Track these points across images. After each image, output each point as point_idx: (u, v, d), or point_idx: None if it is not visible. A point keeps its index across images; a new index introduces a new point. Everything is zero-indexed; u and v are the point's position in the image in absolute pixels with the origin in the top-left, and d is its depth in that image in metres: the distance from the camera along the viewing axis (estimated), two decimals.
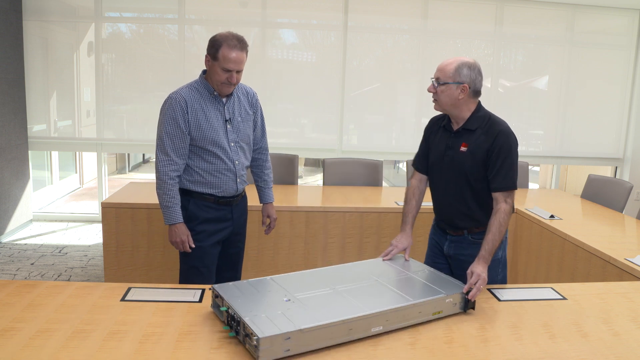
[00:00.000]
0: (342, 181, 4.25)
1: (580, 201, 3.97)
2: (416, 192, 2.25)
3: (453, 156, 2.07)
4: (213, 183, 2.31)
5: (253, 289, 1.67)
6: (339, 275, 1.84)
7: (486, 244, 1.93)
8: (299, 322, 1.43)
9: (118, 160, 9.62)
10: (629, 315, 1.78)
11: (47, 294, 1.77)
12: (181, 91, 2.24)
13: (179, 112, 2.20)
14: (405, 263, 2.05)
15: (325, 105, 5.43)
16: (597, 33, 5.64)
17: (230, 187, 2.35)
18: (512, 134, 2.01)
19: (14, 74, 4.82)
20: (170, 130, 2.21)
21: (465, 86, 1.98)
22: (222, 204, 2.36)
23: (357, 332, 1.51)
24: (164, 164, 2.22)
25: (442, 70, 2.02)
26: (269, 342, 1.35)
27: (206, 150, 2.26)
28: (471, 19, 5.41)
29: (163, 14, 5.26)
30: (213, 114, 2.26)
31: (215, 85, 2.23)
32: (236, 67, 2.16)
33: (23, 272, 3.97)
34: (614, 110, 5.71)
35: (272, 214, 2.64)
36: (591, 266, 2.68)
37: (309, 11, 5.38)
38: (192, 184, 2.30)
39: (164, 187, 2.23)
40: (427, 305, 1.65)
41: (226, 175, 2.32)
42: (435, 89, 2.05)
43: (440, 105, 2.07)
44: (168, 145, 2.21)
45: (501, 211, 1.96)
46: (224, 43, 2.13)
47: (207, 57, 2.21)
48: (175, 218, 2.25)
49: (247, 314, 1.47)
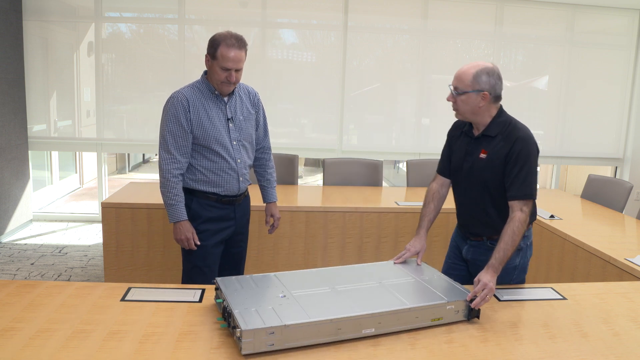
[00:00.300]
0: (342, 181, 4.25)
1: (580, 201, 3.97)
2: (435, 196, 2.18)
3: (472, 163, 2.02)
4: (216, 182, 2.32)
5: (253, 285, 1.71)
6: (343, 276, 1.84)
7: (497, 252, 1.84)
8: (285, 318, 1.46)
9: (118, 160, 9.62)
10: (629, 315, 1.78)
11: (47, 294, 1.77)
12: (183, 90, 2.27)
13: (181, 110, 2.22)
14: (417, 268, 1.99)
15: (325, 105, 5.43)
16: (597, 33, 5.64)
17: (233, 186, 2.35)
18: (532, 140, 1.93)
19: (14, 74, 4.82)
20: (173, 128, 2.23)
21: (486, 94, 1.91)
22: (225, 202, 2.37)
23: (346, 332, 1.51)
24: (167, 162, 2.24)
25: (460, 78, 1.94)
26: (252, 334, 1.38)
27: (209, 149, 2.27)
28: (471, 19, 5.41)
29: (163, 14, 5.26)
30: (215, 112, 2.28)
31: (215, 85, 2.25)
32: (235, 66, 2.18)
33: (23, 272, 3.97)
34: (614, 110, 5.71)
35: (276, 214, 2.64)
36: (591, 266, 2.68)
37: (309, 11, 5.38)
38: (195, 182, 2.31)
39: (168, 185, 2.25)
40: (425, 310, 1.62)
41: (229, 173, 2.33)
42: (454, 98, 1.97)
43: (460, 114, 2.01)
44: (171, 143, 2.23)
45: (515, 220, 1.88)
46: (222, 42, 2.15)
47: (206, 56, 2.23)
48: (179, 215, 2.26)
49: (238, 307, 1.51)
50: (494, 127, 1.97)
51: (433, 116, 5.57)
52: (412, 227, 3.46)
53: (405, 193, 4.03)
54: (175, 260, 3.34)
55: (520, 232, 1.87)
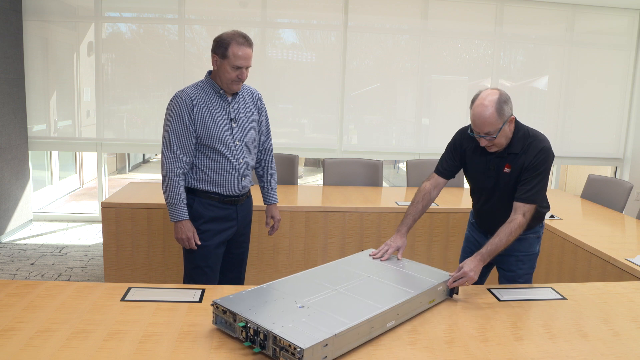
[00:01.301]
0: (342, 181, 4.25)
1: (580, 201, 3.97)
2: (426, 197, 2.22)
3: (497, 178, 2.07)
4: (218, 181, 2.31)
5: (259, 299, 1.61)
6: (331, 276, 1.84)
7: (489, 245, 1.93)
8: (329, 327, 1.41)
9: (118, 160, 9.62)
10: (629, 315, 1.78)
11: (47, 294, 1.77)
12: (187, 90, 2.27)
13: (185, 109, 2.22)
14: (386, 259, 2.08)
15: (325, 105, 5.43)
16: (597, 33, 5.64)
17: (235, 186, 2.35)
18: (551, 152, 1.99)
19: (14, 73, 4.82)
20: (176, 127, 2.23)
21: (512, 117, 1.97)
22: (227, 202, 2.36)
23: (376, 329, 1.53)
24: (170, 161, 2.23)
25: (486, 123, 1.92)
26: (311, 352, 1.32)
27: (212, 148, 2.27)
28: (471, 19, 5.41)
29: (163, 14, 5.26)
30: (218, 112, 2.28)
31: (224, 84, 2.26)
32: (245, 64, 2.20)
33: (23, 272, 3.97)
34: (614, 110, 5.71)
35: (276, 215, 2.64)
36: (591, 266, 2.68)
37: (309, 11, 5.38)
38: (198, 182, 2.31)
39: (170, 184, 2.24)
40: (425, 295, 1.74)
41: (231, 173, 2.32)
42: (491, 141, 1.98)
43: (499, 147, 2.03)
44: (174, 142, 2.23)
45: (516, 222, 1.95)
46: (232, 41, 2.17)
47: (214, 56, 2.23)
48: (181, 215, 2.25)
49: (273, 326, 1.41)
50: (517, 144, 2.01)
51: (433, 116, 5.57)
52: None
53: (405, 193, 4.03)
54: (175, 260, 3.34)
55: (516, 235, 1.95)
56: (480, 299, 1.87)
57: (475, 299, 1.88)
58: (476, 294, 1.93)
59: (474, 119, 1.94)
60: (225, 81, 2.24)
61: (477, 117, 1.92)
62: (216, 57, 2.22)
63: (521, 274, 2.16)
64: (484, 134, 1.94)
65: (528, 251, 2.14)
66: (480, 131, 1.94)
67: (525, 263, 2.14)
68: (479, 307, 1.79)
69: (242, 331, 1.45)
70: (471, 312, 1.76)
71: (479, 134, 1.95)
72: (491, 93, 1.92)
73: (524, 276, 2.16)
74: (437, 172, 2.24)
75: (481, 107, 1.91)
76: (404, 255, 2.13)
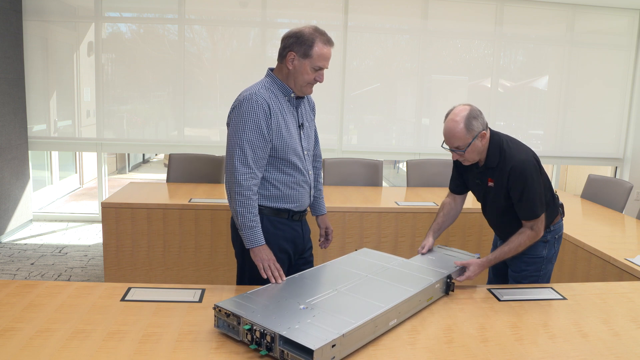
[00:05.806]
0: (342, 181, 4.25)
1: (580, 201, 3.97)
2: (446, 208, 2.31)
3: (485, 191, 2.15)
4: (290, 196, 2.04)
5: (263, 301, 1.59)
6: (329, 276, 1.86)
7: (498, 251, 2.03)
8: (335, 327, 1.41)
9: (118, 160, 9.62)
10: (629, 315, 1.78)
11: (47, 294, 1.77)
12: (260, 92, 1.94)
13: (263, 116, 1.90)
14: (378, 256, 2.10)
15: (325, 105, 5.43)
16: (597, 33, 5.64)
17: (305, 201, 2.12)
18: (525, 167, 1.99)
19: (14, 74, 4.82)
20: (253, 137, 1.89)
21: (484, 133, 2.01)
22: (295, 220, 2.10)
23: (380, 328, 1.54)
24: (246, 177, 1.90)
25: (455, 137, 1.98)
26: (320, 353, 1.31)
27: (285, 161, 1.99)
28: (471, 19, 5.41)
29: (163, 14, 5.26)
30: (290, 119, 2.01)
31: (298, 86, 1.98)
32: (327, 65, 1.97)
33: (23, 272, 3.97)
34: (614, 111, 5.71)
35: (329, 225, 2.37)
36: (591, 266, 2.68)
37: (309, 11, 5.38)
38: (266, 199, 2.01)
39: (248, 205, 1.90)
40: (424, 293, 1.76)
41: (303, 187, 2.08)
42: (462, 155, 2.04)
43: (471, 161, 2.09)
44: (250, 155, 1.89)
45: (525, 235, 2.04)
46: (317, 39, 1.92)
47: (291, 54, 1.93)
48: (259, 239, 1.93)
49: (279, 328, 1.39)
50: (492, 158, 2.07)
51: (433, 116, 5.57)
52: (411, 227, 3.47)
53: (405, 193, 4.03)
54: (175, 260, 3.35)
55: (525, 245, 2.05)
56: (480, 299, 1.87)
57: (475, 299, 1.88)
58: (476, 294, 1.93)
59: (444, 133, 2.04)
60: (301, 83, 1.96)
61: (446, 131, 2.02)
62: (294, 56, 1.92)
63: (525, 275, 2.21)
64: (454, 148, 2.03)
65: (533, 254, 2.19)
66: (451, 145, 2.03)
67: (530, 265, 2.19)
68: (479, 307, 1.80)
69: (247, 334, 1.44)
70: (471, 312, 1.76)
71: (450, 147, 2.05)
72: (462, 109, 2.00)
73: (528, 277, 2.21)
74: (450, 190, 2.35)
75: (451, 122, 2.00)
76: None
